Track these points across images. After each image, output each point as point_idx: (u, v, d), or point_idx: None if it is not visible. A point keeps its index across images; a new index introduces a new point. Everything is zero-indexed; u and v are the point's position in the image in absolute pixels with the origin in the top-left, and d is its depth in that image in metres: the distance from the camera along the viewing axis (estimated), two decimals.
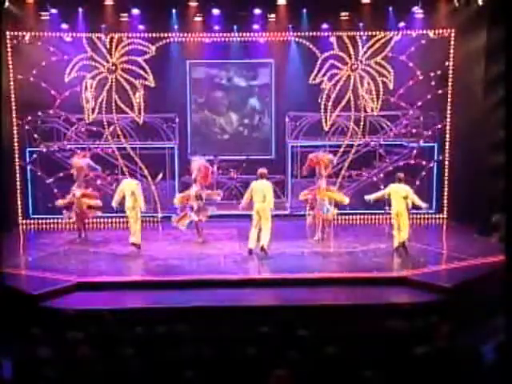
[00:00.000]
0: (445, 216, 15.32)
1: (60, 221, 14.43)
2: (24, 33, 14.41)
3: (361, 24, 14.64)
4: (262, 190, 11.97)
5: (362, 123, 15.13)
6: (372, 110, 14.98)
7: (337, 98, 14.98)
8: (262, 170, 12.30)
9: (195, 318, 8.12)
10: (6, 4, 13.45)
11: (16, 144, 14.82)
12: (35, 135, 14.91)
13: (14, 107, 14.66)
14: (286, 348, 6.24)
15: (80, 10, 14.26)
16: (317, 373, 5.86)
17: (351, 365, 5.92)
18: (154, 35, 14.89)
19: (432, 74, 15.00)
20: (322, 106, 15.01)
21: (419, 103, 15.16)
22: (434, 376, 5.75)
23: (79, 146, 15.09)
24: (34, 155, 14.99)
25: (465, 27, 14.10)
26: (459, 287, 10.03)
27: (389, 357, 6.13)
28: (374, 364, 5.80)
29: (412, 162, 15.20)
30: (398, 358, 6.10)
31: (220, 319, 7.95)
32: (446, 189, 15.29)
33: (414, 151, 15.23)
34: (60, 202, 13.59)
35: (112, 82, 14.71)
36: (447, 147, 15.19)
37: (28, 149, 15.03)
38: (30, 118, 14.83)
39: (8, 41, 14.38)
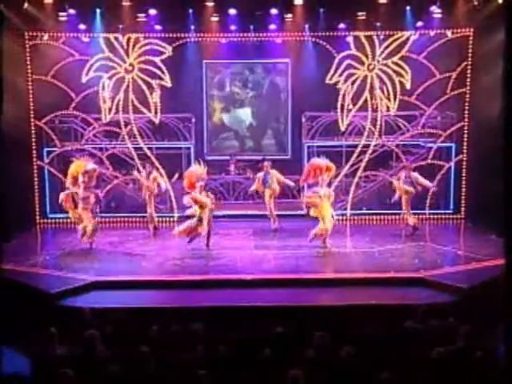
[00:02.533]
0: (462, 216, 15.22)
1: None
2: (42, 33, 14.54)
3: (378, 24, 14.57)
4: None
5: (378, 123, 15.06)
6: (389, 110, 14.91)
7: (353, 98, 14.93)
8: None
9: (210, 317, 8.12)
10: (25, 5, 13.55)
11: (34, 144, 14.94)
12: (53, 135, 15.04)
13: (31, 107, 14.79)
14: (301, 348, 6.23)
15: (97, 10, 14.34)
16: (332, 373, 5.84)
17: (367, 366, 5.89)
18: (170, 35, 14.96)
19: (450, 74, 14.92)
20: (339, 106, 14.96)
21: (437, 103, 15.08)
22: (451, 377, 5.71)
23: (96, 145, 15.22)
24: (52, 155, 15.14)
25: (484, 26, 13.95)
26: (476, 288, 9.95)
27: (405, 358, 6.09)
28: (390, 365, 5.77)
29: (429, 162, 15.14)
30: (415, 359, 6.06)
31: (235, 319, 7.95)
32: (463, 189, 15.19)
33: (431, 151, 15.15)
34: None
35: (129, 82, 14.78)
36: (465, 147, 15.09)
37: (46, 148, 15.14)
38: (47, 117, 14.95)
39: (26, 41, 14.52)
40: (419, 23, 14.64)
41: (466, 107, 14.97)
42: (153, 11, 14.46)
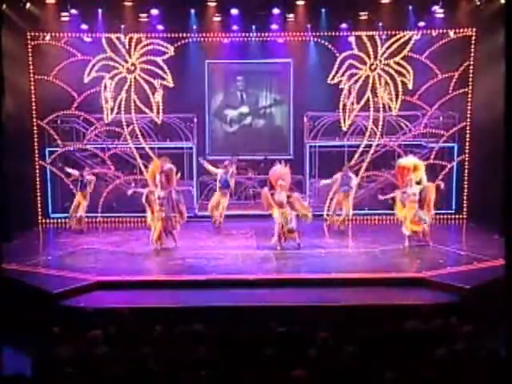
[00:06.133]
0: (464, 216, 15.21)
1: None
2: (44, 33, 14.56)
3: (380, 24, 14.57)
4: None
5: (380, 123, 15.04)
6: (391, 110, 14.89)
7: (355, 98, 14.91)
8: None
9: (212, 317, 8.12)
10: (27, 5, 13.58)
11: (36, 143, 14.95)
12: (55, 135, 15.05)
13: (34, 107, 14.80)
14: (303, 348, 6.22)
15: (99, 10, 14.35)
16: (335, 373, 5.83)
17: (370, 366, 5.89)
18: (172, 35, 14.97)
19: (452, 74, 14.91)
20: (341, 106, 14.94)
21: (439, 103, 15.07)
22: (453, 378, 5.70)
23: (98, 145, 15.24)
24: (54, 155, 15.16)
25: (486, 26, 13.93)
26: (479, 288, 9.93)
27: (408, 358, 6.09)
28: (392, 365, 5.76)
29: (431, 162, 15.13)
30: (417, 359, 6.06)
31: (237, 319, 7.95)
32: (465, 189, 15.18)
33: (434, 151, 15.15)
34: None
35: (131, 82, 14.78)
36: (467, 147, 15.07)
37: (48, 148, 15.15)
38: (49, 117, 14.96)
39: (29, 41, 14.53)
40: (421, 23, 14.64)
41: (469, 107, 14.95)
42: (155, 11, 14.48)
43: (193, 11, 14.84)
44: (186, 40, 15.20)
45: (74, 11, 14.20)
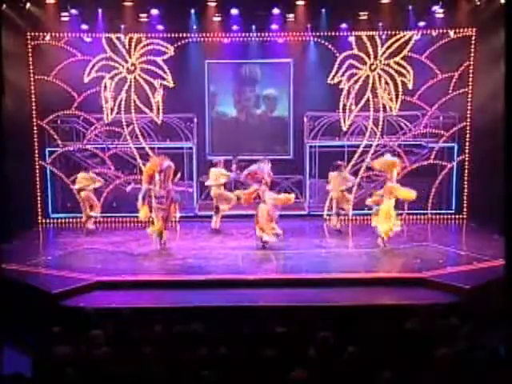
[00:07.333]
0: (464, 216, 15.21)
1: (79, 219, 14.49)
2: (44, 33, 14.55)
3: (380, 23, 14.56)
4: None
5: (380, 123, 15.03)
6: (391, 110, 14.87)
7: (355, 98, 14.90)
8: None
9: (212, 317, 8.12)
10: (27, 5, 13.58)
11: (36, 143, 14.94)
12: (55, 135, 15.05)
13: (34, 107, 14.79)
14: (303, 348, 6.23)
15: (99, 10, 14.35)
16: (335, 373, 5.83)
17: (370, 366, 5.89)
18: (172, 35, 14.96)
19: (452, 74, 14.91)
20: (341, 106, 14.93)
21: (439, 103, 15.07)
22: (452, 378, 5.70)
23: (98, 145, 15.24)
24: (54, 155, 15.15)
25: (486, 26, 13.92)
26: (478, 288, 9.93)
27: (407, 358, 6.09)
28: (392, 365, 5.76)
29: (431, 162, 15.13)
30: (417, 359, 6.06)
31: (237, 319, 7.95)
32: (465, 189, 15.17)
33: (434, 151, 15.14)
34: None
35: (131, 82, 14.77)
36: (467, 147, 15.07)
37: (48, 148, 15.14)
38: (49, 117, 14.95)
39: (29, 41, 14.53)
40: (421, 23, 14.63)
41: (469, 107, 14.95)
42: (155, 11, 14.48)
43: (193, 11, 14.83)
44: (186, 40, 15.20)
45: (74, 11, 14.20)
